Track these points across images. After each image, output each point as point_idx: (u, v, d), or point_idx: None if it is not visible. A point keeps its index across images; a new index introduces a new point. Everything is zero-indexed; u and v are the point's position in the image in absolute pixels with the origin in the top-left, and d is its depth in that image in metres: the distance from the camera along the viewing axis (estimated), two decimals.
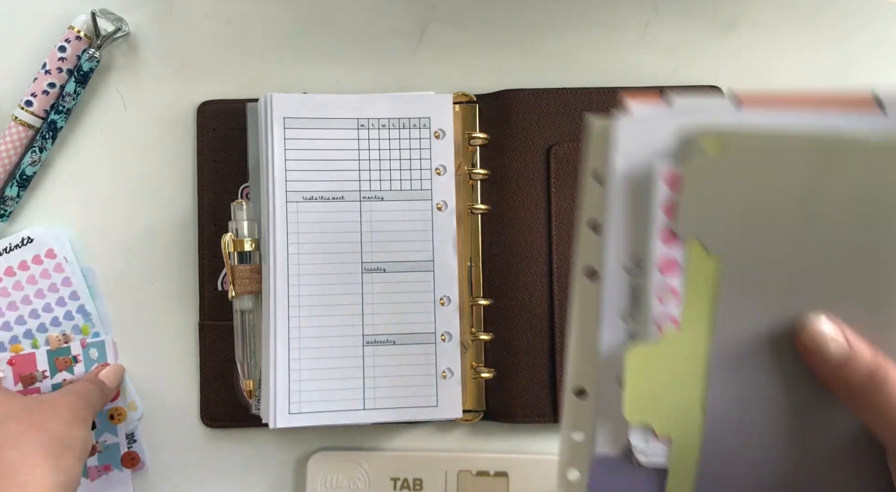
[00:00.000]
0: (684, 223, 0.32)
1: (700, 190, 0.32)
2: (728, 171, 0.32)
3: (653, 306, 0.33)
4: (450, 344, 0.53)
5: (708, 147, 0.32)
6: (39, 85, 0.54)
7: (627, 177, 0.33)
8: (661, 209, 0.32)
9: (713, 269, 0.33)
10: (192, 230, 0.55)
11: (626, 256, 0.34)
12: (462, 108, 0.54)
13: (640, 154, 0.33)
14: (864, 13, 0.56)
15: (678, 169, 0.32)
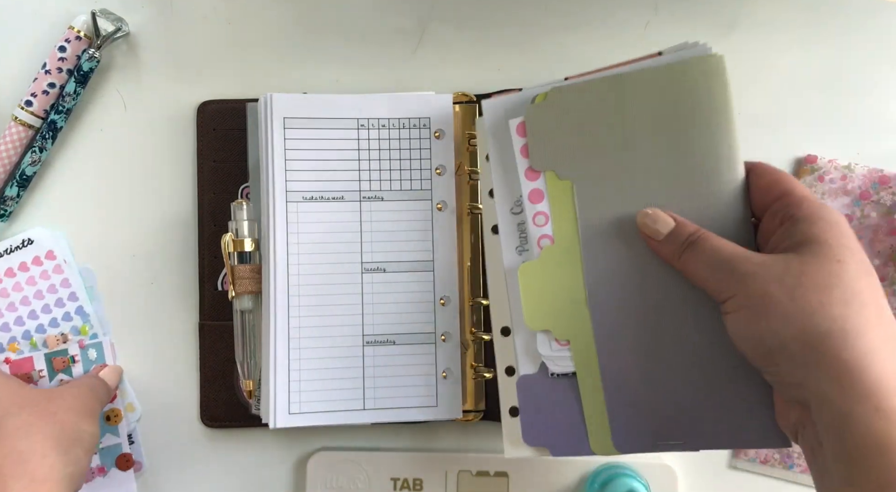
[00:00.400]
0: (537, 159, 0.44)
1: (539, 129, 0.44)
2: (554, 111, 0.43)
3: (531, 230, 0.44)
4: (450, 344, 0.53)
5: (538, 99, 0.44)
6: (39, 85, 0.54)
7: (496, 143, 0.45)
8: (520, 153, 0.44)
9: (568, 190, 0.44)
10: (192, 230, 0.55)
11: (511, 202, 0.45)
12: (462, 108, 0.54)
13: (500, 124, 0.45)
14: (864, 13, 0.56)
15: (521, 119, 0.44)
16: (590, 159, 0.43)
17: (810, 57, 0.56)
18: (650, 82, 0.42)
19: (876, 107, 0.55)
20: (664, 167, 0.42)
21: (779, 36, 0.56)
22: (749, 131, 0.55)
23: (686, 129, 0.42)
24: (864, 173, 0.54)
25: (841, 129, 0.55)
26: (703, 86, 0.42)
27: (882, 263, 0.54)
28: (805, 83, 0.56)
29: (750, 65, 0.56)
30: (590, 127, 0.43)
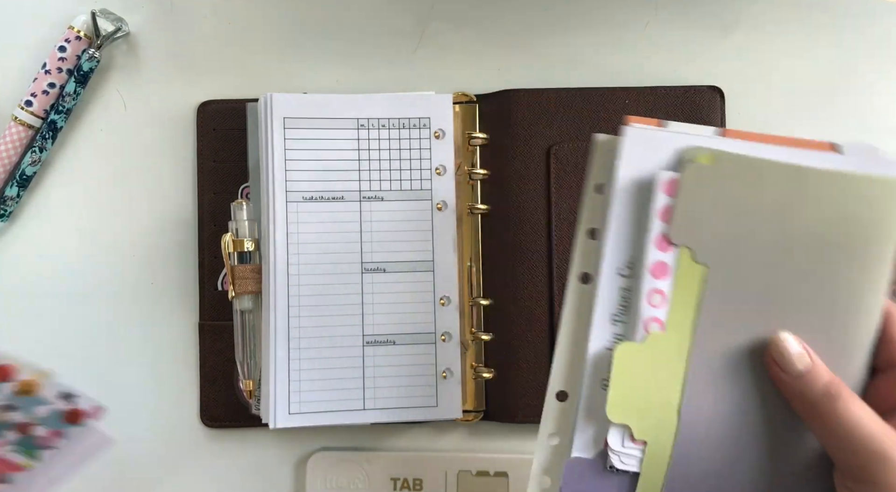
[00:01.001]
0: (678, 230, 0.35)
1: (693, 197, 0.35)
2: (717, 182, 0.35)
3: (642, 308, 0.36)
4: (450, 344, 0.53)
5: (703, 158, 0.35)
6: (39, 85, 0.54)
7: (628, 186, 0.36)
8: (658, 215, 0.35)
9: (699, 276, 0.36)
10: (192, 230, 0.55)
11: (622, 261, 0.36)
12: (462, 108, 0.54)
13: (640, 166, 0.36)
14: (864, 13, 0.56)
15: (676, 175, 0.35)
16: (734, 250, 0.36)
17: (810, 57, 0.56)
18: (831, 189, 0.35)
19: (876, 107, 0.55)
20: (808, 286, 0.36)
21: (779, 36, 0.56)
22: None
23: (847, 252, 0.35)
24: None
25: (841, 129, 0.55)
26: (880, 211, 0.35)
27: None
28: (805, 83, 0.56)
29: (750, 65, 0.56)
30: (747, 213, 0.35)
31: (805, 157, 0.36)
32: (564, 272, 0.54)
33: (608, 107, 0.54)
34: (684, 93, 0.54)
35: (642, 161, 0.36)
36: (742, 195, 0.35)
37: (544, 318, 0.53)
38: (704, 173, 0.35)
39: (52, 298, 0.55)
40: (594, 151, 0.37)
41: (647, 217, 0.36)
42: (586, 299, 0.37)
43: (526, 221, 0.54)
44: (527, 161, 0.54)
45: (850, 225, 0.35)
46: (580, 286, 0.38)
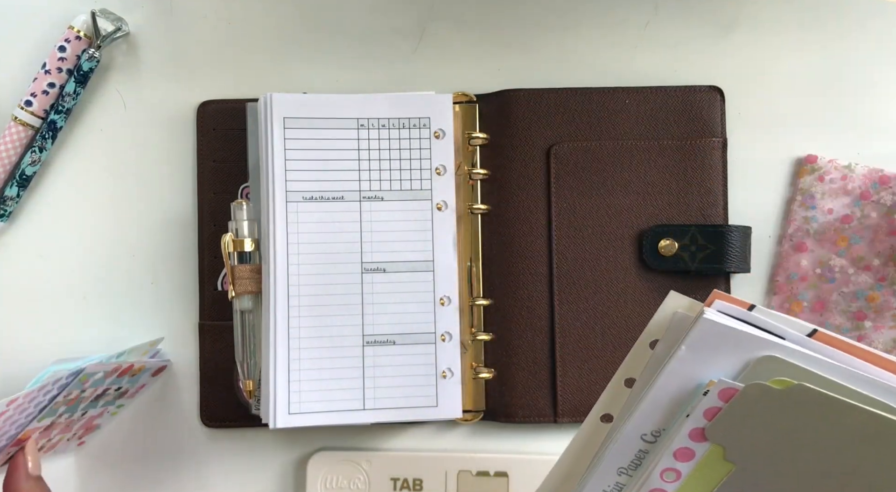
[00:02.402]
0: (717, 431, 0.33)
1: (746, 411, 0.33)
2: (781, 405, 0.32)
3: (651, 476, 0.35)
4: (450, 344, 0.53)
5: (776, 382, 0.32)
6: (39, 85, 0.54)
7: (684, 366, 0.34)
8: (703, 413, 0.33)
9: (723, 472, 0.34)
10: (192, 230, 0.55)
11: (650, 428, 0.35)
12: (462, 108, 0.54)
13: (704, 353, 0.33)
14: (864, 13, 0.56)
15: (736, 386, 0.32)
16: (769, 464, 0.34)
17: (810, 57, 0.56)
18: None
19: (876, 107, 0.55)
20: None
21: (779, 36, 0.56)
22: (749, 132, 0.55)
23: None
24: (864, 173, 0.54)
25: (841, 129, 0.55)
26: None
27: (882, 263, 0.54)
28: (805, 83, 0.56)
29: (750, 65, 0.56)
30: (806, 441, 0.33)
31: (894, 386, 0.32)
32: (564, 272, 0.54)
33: (608, 107, 0.54)
34: (684, 93, 0.54)
35: (710, 351, 0.33)
36: (804, 424, 0.33)
37: (544, 318, 0.53)
38: (770, 396, 0.32)
39: (52, 298, 0.55)
40: (664, 307, 0.35)
41: (692, 407, 0.33)
42: (599, 438, 0.37)
43: (526, 221, 0.54)
44: (527, 161, 0.54)
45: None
46: (599, 423, 0.37)
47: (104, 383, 0.49)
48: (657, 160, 0.54)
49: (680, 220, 0.54)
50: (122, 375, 0.50)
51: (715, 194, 0.54)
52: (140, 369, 0.52)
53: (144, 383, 0.54)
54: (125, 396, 0.53)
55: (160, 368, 0.54)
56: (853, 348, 0.33)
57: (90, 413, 0.51)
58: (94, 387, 0.48)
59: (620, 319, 0.53)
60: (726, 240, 0.53)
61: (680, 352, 0.34)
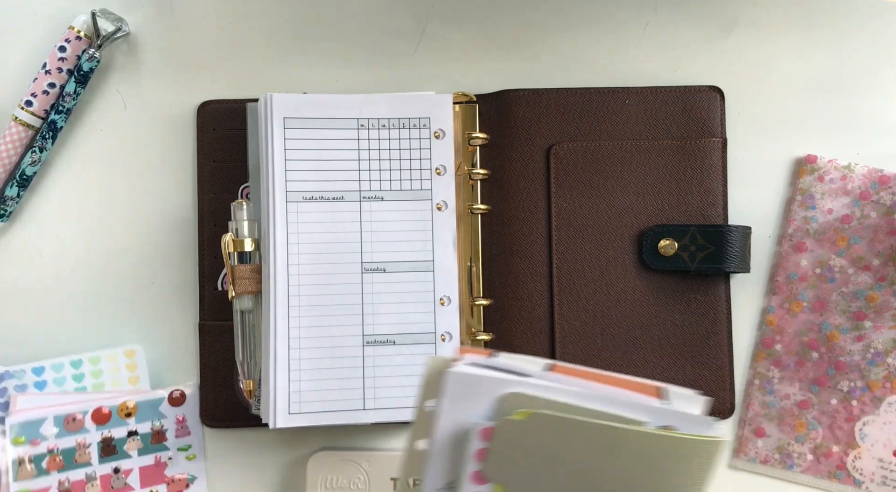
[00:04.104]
0: (491, 469, 0.38)
1: (507, 445, 0.38)
2: (530, 434, 0.38)
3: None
4: (450, 344, 0.53)
5: (517, 415, 0.37)
6: (39, 85, 0.54)
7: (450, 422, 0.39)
8: (474, 456, 0.38)
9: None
10: (192, 230, 0.55)
11: (444, 481, 0.39)
12: (462, 108, 0.54)
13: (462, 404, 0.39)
14: (863, 13, 0.56)
15: (491, 424, 0.38)
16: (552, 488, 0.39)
17: (810, 57, 0.56)
18: (642, 446, 0.38)
19: (876, 107, 0.55)
20: None
21: (779, 36, 0.56)
22: (749, 132, 0.55)
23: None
24: (864, 173, 0.54)
25: (841, 129, 0.55)
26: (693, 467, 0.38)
27: (882, 263, 0.54)
28: (805, 83, 0.56)
29: (750, 65, 0.56)
30: (560, 463, 0.38)
31: (628, 402, 0.38)
32: (564, 272, 0.54)
33: (608, 107, 0.54)
34: (684, 93, 0.54)
35: (465, 399, 0.39)
36: (554, 447, 0.38)
37: (544, 318, 0.53)
38: (518, 427, 0.38)
39: (52, 298, 0.55)
40: (427, 369, 0.39)
41: (465, 454, 0.38)
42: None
43: (526, 221, 0.54)
44: (527, 161, 0.54)
45: (662, 480, 0.37)
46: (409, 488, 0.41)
47: (87, 433, 0.50)
48: (657, 160, 0.54)
49: (680, 220, 0.54)
50: (99, 420, 0.51)
51: (715, 194, 0.54)
52: (131, 408, 0.52)
53: (183, 417, 0.54)
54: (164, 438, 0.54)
55: (176, 396, 0.54)
56: (587, 374, 0.39)
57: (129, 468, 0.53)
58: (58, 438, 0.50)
59: (620, 319, 0.53)
60: (726, 240, 0.53)
61: (442, 406, 0.39)
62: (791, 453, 0.54)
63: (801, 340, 0.54)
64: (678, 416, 0.38)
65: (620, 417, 0.38)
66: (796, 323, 0.54)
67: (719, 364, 0.54)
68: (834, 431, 0.54)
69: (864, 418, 0.54)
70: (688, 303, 0.54)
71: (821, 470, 0.54)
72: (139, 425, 0.53)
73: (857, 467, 0.54)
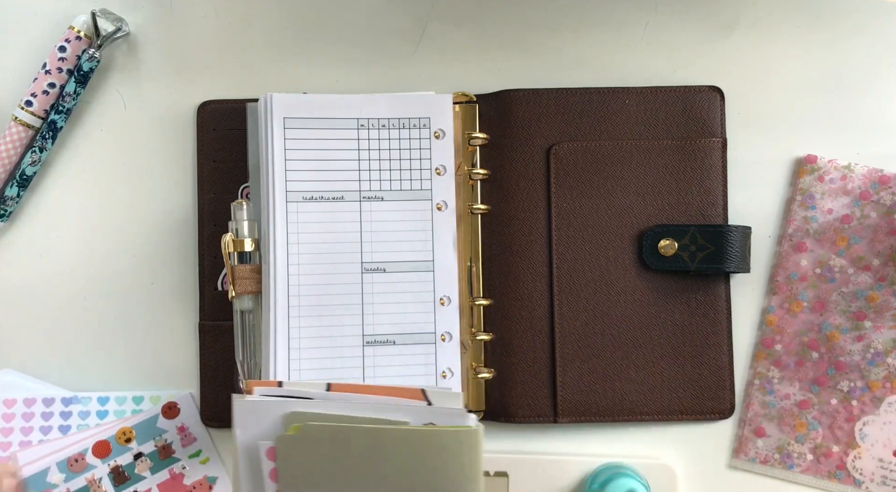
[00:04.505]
0: (285, 484, 0.42)
1: (291, 460, 0.42)
2: (308, 447, 0.42)
3: None
4: (450, 344, 0.53)
5: (291, 430, 0.42)
6: (39, 85, 0.54)
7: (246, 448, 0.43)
8: (268, 476, 0.42)
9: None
10: (192, 230, 0.55)
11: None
12: (462, 108, 0.54)
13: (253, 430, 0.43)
14: (864, 13, 0.56)
15: (268, 443, 0.42)
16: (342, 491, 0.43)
17: (810, 57, 0.56)
18: (409, 442, 0.42)
19: (876, 107, 0.55)
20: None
21: (779, 36, 0.56)
22: (749, 132, 0.55)
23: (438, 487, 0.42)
24: (864, 173, 0.54)
25: (841, 129, 0.55)
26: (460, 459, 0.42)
27: (882, 263, 0.54)
28: (805, 83, 0.56)
29: (750, 65, 0.56)
30: (342, 469, 0.42)
31: (393, 406, 0.42)
32: (564, 272, 0.54)
33: (608, 107, 0.54)
34: (684, 93, 0.54)
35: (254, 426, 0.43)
36: (331, 455, 0.42)
37: (544, 318, 0.53)
38: (294, 442, 0.42)
39: (52, 298, 0.55)
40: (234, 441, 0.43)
41: (261, 477, 0.43)
42: None
43: (526, 221, 0.54)
44: (527, 161, 0.54)
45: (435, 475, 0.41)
46: None
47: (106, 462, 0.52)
48: (657, 160, 0.54)
49: (680, 220, 0.54)
50: (101, 454, 0.52)
51: (715, 194, 0.54)
52: (129, 433, 0.53)
53: (187, 430, 0.55)
54: (171, 451, 0.54)
55: (169, 409, 0.54)
56: (360, 387, 0.44)
57: None
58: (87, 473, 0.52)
59: (620, 319, 0.53)
60: (726, 240, 0.53)
61: (237, 433, 0.43)
62: (791, 453, 0.54)
63: (801, 340, 0.54)
64: (437, 412, 0.42)
65: (386, 420, 0.42)
66: (796, 323, 0.54)
67: (719, 364, 0.54)
68: (834, 431, 0.54)
69: (864, 418, 0.54)
70: (688, 303, 0.54)
71: (821, 470, 0.54)
72: (142, 446, 0.53)
73: (857, 467, 0.54)
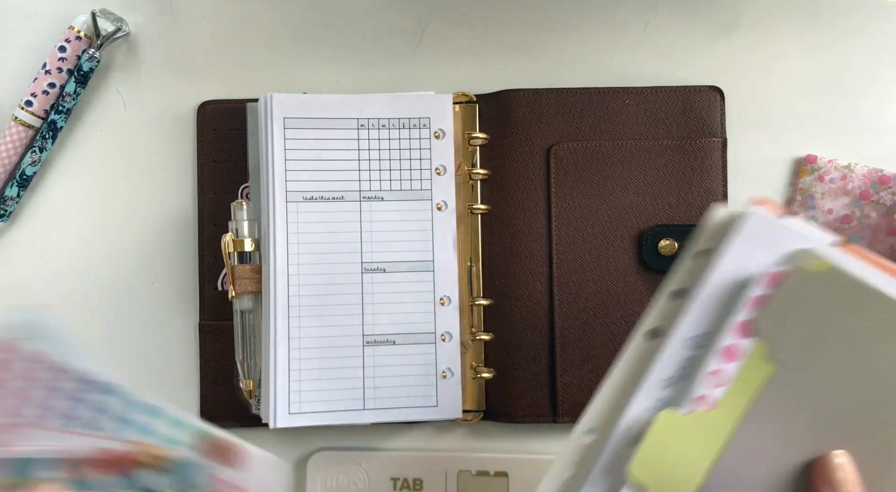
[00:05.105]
0: (764, 321, 0.34)
1: (792, 296, 0.34)
2: (821, 293, 0.34)
3: (700, 384, 0.35)
4: (450, 344, 0.53)
5: (817, 265, 0.33)
6: (39, 85, 0.54)
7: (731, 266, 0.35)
8: (751, 302, 0.34)
9: (766, 375, 0.34)
10: (192, 230, 0.55)
11: (697, 332, 0.35)
12: (462, 108, 0.54)
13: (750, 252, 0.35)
14: (864, 13, 0.56)
15: (784, 269, 0.34)
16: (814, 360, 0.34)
17: (810, 57, 0.56)
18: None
19: (876, 107, 0.55)
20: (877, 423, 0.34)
21: (779, 36, 0.56)
22: (749, 132, 0.55)
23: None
24: (864, 173, 0.54)
25: (841, 129, 0.55)
26: None
27: None
28: (805, 83, 0.56)
29: (750, 65, 0.56)
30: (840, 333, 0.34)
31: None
32: (564, 272, 0.54)
33: (608, 107, 0.54)
34: (684, 93, 0.54)
35: (755, 247, 0.35)
36: (841, 315, 0.34)
37: (544, 318, 0.53)
38: (812, 279, 0.34)
39: (52, 298, 0.55)
40: (708, 221, 0.36)
41: (739, 299, 0.34)
42: (646, 356, 0.37)
43: (526, 221, 0.54)
44: (527, 161, 0.54)
45: None
46: (644, 342, 0.37)
47: None
48: (657, 160, 0.54)
49: (680, 220, 0.54)
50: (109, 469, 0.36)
51: (715, 194, 0.54)
52: (161, 459, 0.39)
53: None
54: None
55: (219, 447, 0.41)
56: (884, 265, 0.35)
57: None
58: None
59: (620, 319, 0.53)
60: None
61: (729, 247, 0.35)
62: None
63: None
64: None
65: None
66: None
67: None
68: None
69: None
70: None
71: None
72: None
73: None
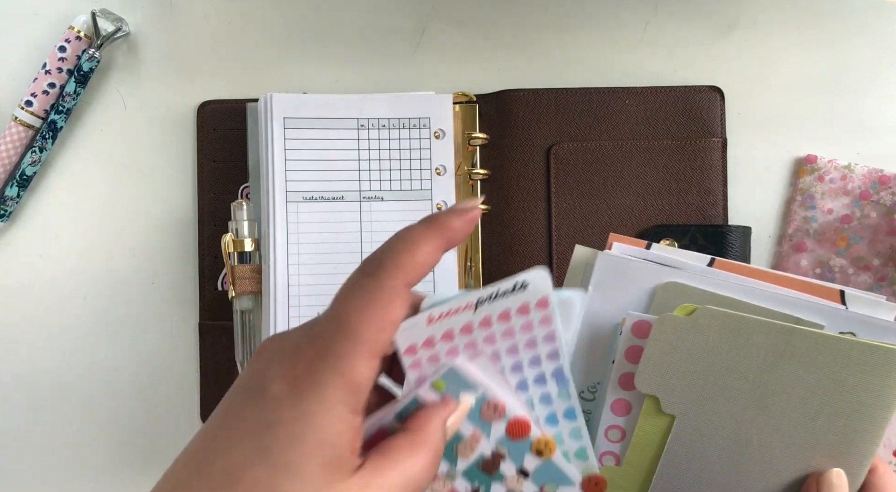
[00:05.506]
0: (644, 377, 0.33)
1: (665, 346, 0.32)
2: (693, 334, 0.32)
3: (599, 441, 0.34)
4: None
5: (681, 310, 0.32)
6: (39, 85, 0.54)
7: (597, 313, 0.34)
8: (625, 355, 0.33)
9: (664, 426, 0.33)
10: (192, 230, 0.55)
11: (586, 383, 0.34)
12: (462, 108, 0.54)
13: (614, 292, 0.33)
14: (864, 13, 0.56)
15: (648, 319, 0.32)
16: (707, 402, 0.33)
17: (810, 57, 0.56)
18: (822, 352, 0.32)
19: (876, 107, 0.55)
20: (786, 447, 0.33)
21: (779, 36, 0.56)
22: (749, 132, 0.55)
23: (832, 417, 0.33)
24: (864, 173, 0.54)
25: (841, 129, 0.55)
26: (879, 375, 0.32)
27: (882, 263, 0.54)
28: (805, 83, 0.56)
29: (750, 65, 0.56)
30: (727, 369, 0.32)
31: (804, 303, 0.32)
32: (564, 272, 0.54)
33: (608, 107, 0.54)
34: (684, 93, 0.54)
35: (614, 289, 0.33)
36: (720, 351, 0.32)
37: None
38: (680, 325, 0.32)
39: (52, 298, 0.55)
40: (574, 259, 0.35)
41: (614, 352, 0.33)
42: None
43: (526, 221, 0.54)
44: (527, 161, 0.54)
45: (840, 390, 0.32)
46: None
47: None
48: (657, 160, 0.54)
49: (680, 220, 0.54)
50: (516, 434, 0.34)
51: (715, 194, 0.54)
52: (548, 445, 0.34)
53: None
54: None
55: None
56: (754, 271, 0.33)
57: None
58: None
59: None
60: (726, 240, 0.53)
61: (588, 293, 0.33)
62: None
63: None
64: (862, 321, 0.32)
65: (795, 318, 0.32)
66: None
67: None
68: None
69: None
70: None
71: None
72: None
73: None
